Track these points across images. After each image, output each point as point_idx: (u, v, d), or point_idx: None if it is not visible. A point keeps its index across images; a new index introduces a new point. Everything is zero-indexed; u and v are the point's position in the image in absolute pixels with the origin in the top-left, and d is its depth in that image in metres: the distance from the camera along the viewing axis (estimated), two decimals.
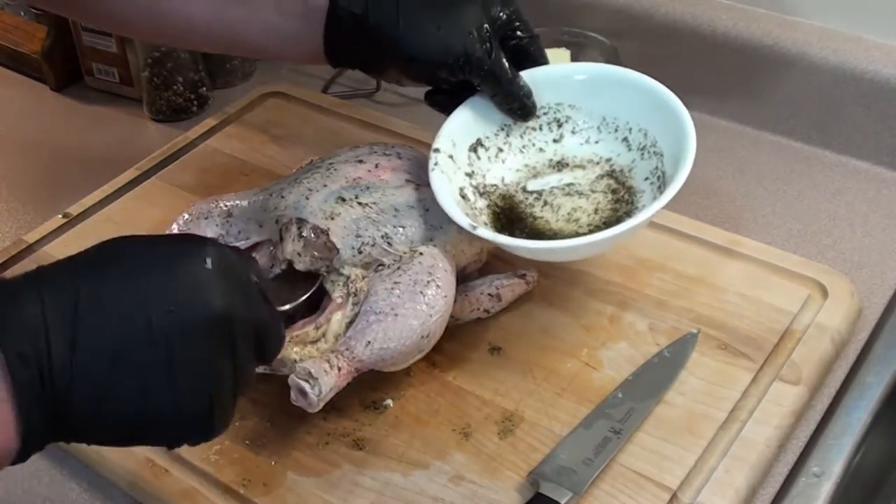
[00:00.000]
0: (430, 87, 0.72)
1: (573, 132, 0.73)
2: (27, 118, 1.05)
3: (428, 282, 0.65)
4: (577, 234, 0.68)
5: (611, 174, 0.71)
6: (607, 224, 0.68)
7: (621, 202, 0.69)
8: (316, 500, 0.62)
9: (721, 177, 0.88)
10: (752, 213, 0.84)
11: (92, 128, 1.02)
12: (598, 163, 0.72)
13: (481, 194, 0.71)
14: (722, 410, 0.65)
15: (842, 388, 0.69)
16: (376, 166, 0.71)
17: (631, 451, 0.63)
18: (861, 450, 0.65)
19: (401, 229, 0.67)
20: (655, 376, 0.67)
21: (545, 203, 0.71)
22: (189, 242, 0.50)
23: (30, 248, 0.83)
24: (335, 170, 0.71)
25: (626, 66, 0.74)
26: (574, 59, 0.90)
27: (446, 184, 0.67)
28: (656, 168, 0.69)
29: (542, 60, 0.71)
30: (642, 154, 0.70)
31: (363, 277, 0.66)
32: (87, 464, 0.67)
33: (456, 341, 0.71)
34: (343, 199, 0.68)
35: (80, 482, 0.67)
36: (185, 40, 0.86)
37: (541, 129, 0.73)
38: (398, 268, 0.66)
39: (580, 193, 0.71)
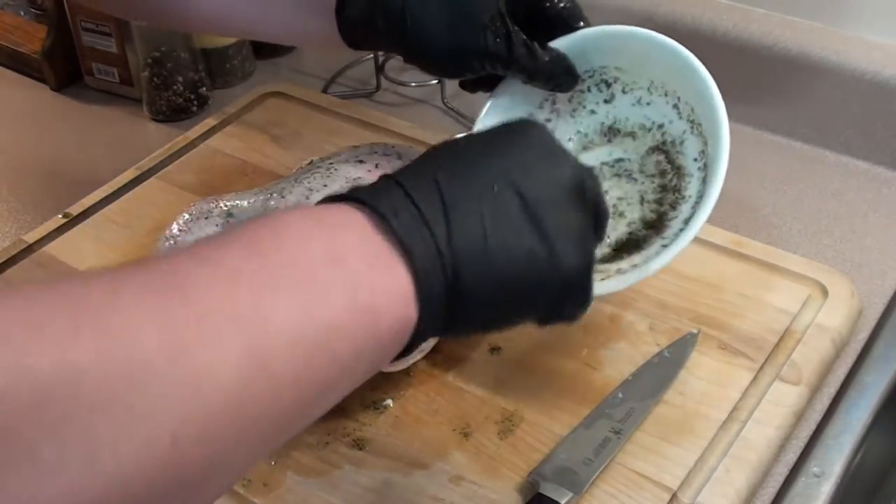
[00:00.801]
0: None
1: (623, 91, 0.69)
2: (27, 118, 1.05)
3: None
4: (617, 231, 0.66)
5: (661, 147, 0.68)
6: (647, 223, 0.66)
7: (667, 190, 0.67)
8: (316, 500, 0.62)
9: None
10: (751, 213, 0.84)
11: (92, 128, 1.02)
12: (649, 129, 0.69)
13: None
14: (722, 410, 0.65)
15: (842, 388, 0.69)
16: (376, 166, 0.71)
17: (631, 451, 0.63)
18: (861, 450, 0.65)
19: None
20: (655, 376, 0.67)
21: None
22: (517, 124, 0.52)
23: (30, 248, 0.82)
24: (335, 170, 0.71)
25: None
26: None
27: None
28: (703, 152, 0.66)
29: (577, 24, 0.67)
30: (692, 127, 0.67)
31: None
32: None
33: (456, 341, 0.71)
34: None
35: None
36: (204, 30, 0.86)
37: (589, 90, 0.70)
38: None
39: (629, 174, 0.68)
